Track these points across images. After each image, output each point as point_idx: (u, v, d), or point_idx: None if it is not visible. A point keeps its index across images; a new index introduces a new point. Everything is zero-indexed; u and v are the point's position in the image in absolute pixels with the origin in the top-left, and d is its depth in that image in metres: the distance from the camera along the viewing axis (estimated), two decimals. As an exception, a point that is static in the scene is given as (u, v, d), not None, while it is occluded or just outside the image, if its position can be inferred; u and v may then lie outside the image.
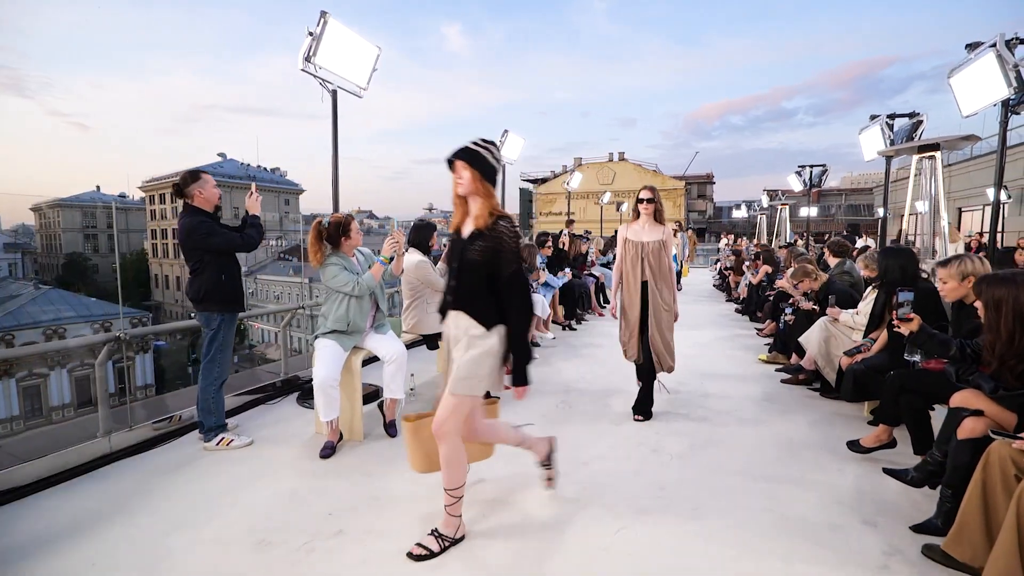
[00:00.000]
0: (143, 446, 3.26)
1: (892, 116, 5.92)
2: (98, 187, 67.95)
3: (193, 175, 3.13)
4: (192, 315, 3.31)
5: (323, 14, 3.74)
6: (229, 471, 2.97)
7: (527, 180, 49.26)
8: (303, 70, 3.82)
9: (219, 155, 64.41)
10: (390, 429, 3.45)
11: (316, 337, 3.34)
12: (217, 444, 3.24)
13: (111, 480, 2.88)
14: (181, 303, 57.03)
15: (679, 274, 7.38)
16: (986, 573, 1.84)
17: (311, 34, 3.73)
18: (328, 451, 3.14)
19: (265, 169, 63.64)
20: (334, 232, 3.36)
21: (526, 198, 48.78)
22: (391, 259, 3.41)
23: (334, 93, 4.09)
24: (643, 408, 3.74)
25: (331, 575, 2.06)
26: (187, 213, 3.10)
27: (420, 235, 4.16)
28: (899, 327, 2.61)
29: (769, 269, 7.73)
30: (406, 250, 4.02)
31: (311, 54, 3.75)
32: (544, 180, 48.00)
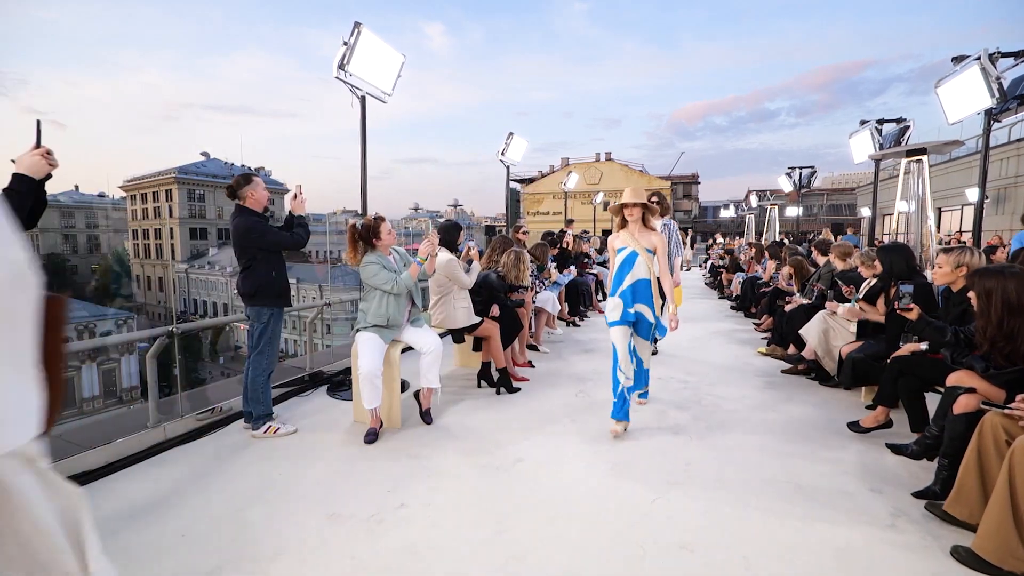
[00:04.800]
0: (193, 435, 3.44)
1: (881, 121, 6.29)
2: (77, 187, 66.57)
3: (246, 178, 3.32)
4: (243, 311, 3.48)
5: (357, 24, 3.94)
6: (282, 455, 3.17)
7: (514, 180, 49.56)
8: (336, 77, 4.02)
9: (202, 154, 63.80)
10: (426, 417, 3.67)
11: (357, 331, 3.54)
12: (264, 432, 3.43)
13: (172, 465, 3.05)
14: (164, 304, 56.33)
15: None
16: (981, 526, 2.13)
17: (345, 43, 3.93)
18: (372, 437, 3.35)
19: (249, 168, 63.02)
20: (365, 234, 3.57)
21: (514, 198, 49.09)
22: (426, 258, 3.63)
23: (363, 99, 4.29)
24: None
25: (407, 540, 2.28)
26: (240, 213, 3.29)
27: (448, 235, 4.38)
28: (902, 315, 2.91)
29: (787, 268, 7.97)
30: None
31: (345, 62, 3.96)
32: (531, 180, 48.31)
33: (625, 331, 3.41)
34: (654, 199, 4.95)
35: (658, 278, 3.44)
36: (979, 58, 3.98)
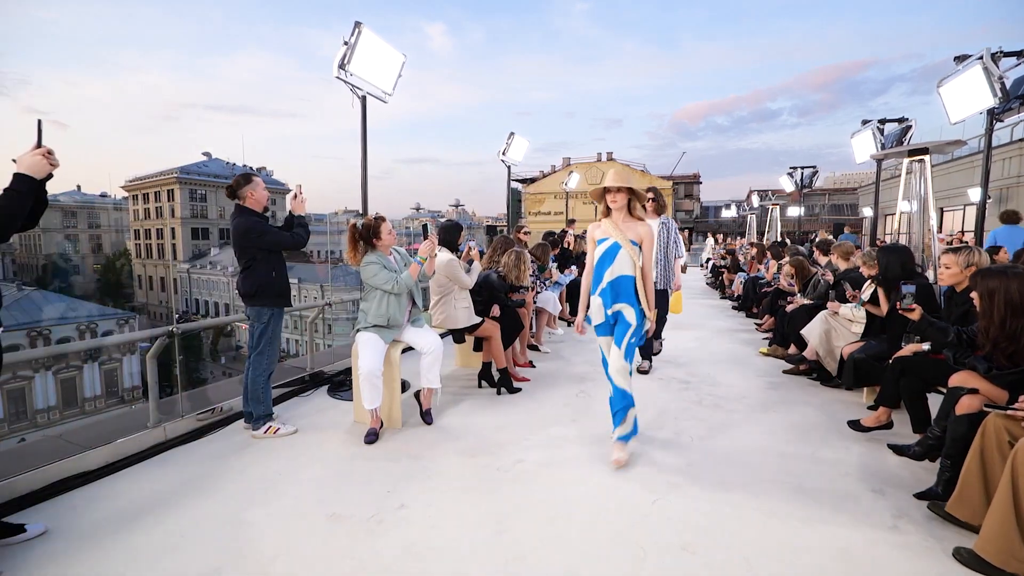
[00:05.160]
0: (193, 435, 3.44)
1: (883, 121, 6.27)
2: (79, 186, 66.72)
3: (246, 178, 3.32)
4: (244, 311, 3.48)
5: (357, 24, 3.94)
6: (282, 456, 3.16)
7: (515, 180, 49.53)
8: (337, 77, 4.01)
9: (204, 154, 63.85)
10: (426, 417, 3.67)
11: (358, 331, 3.54)
12: (265, 432, 3.42)
13: (173, 465, 3.05)
14: (166, 304, 56.38)
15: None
16: (984, 527, 2.12)
17: (346, 43, 3.93)
18: (372, 437, 3.34)
19: (251, 169, 63.10)
20: (365, 234, 3.56)
21: (515, 198, 49.09)
22: (426, 258, 3.62)
23: (363, 99, 4.29)
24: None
25: (407, 541, 2.28)
26: (240, 213, 3.29)
27: (449, 235, 4.37)
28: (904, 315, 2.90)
29: (788, 267, 7.89)
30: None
31: (345, 62, 3.95)
32: (533, 180, 48.28)
33: (609, 340, 3.08)
34: (650, 195, 4.68)
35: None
36: (981, 58, 3.96)
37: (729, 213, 29.72)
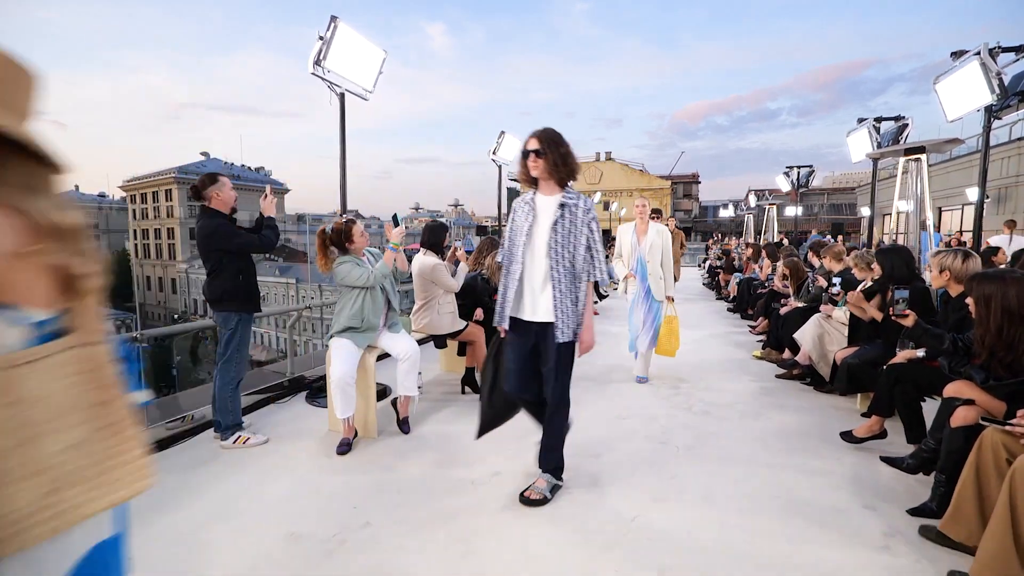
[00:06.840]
0: (159, 445, 3.30)
1: (879, 119, 6.14)
2: (77, 187, 66.49)
3: (211, 178, 3.18)
4: (209, 315, 3.34)
5: (333, 19, 3.81)
6: (250, 468, 3.03)
7: (514, 179, 49.22)
8: (313, 73, 3.88)
9: (202, 154, 63.76)
10: (403, 426, 3.53)
11: (331, 336, 3.41)
12: (234, 442, 3.29)
13: (133, 478, 2.92)
14: (164, 304, 56.22)
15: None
16: (980, 550, 1.98)
17: (321, 38, 3.80)
18: (345, 447, 3.21)
19: (249, 168, 63.07)
20: (337, 239, 3.42)
21: (514, 198, 48.83)
22: (399, 244, 3.42)
23: (342, 96, 4.16)
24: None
25: (368, 564, 2.14)
26: (205, 215, 3.15)
27: (434, 236, 4.22)
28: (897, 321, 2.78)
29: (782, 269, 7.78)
30: (416, 251, 4.14)
31: (321, 58, 3.82)
32: (532, 180, 48.08)
33: None
34: (531, 147, 2.45)
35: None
36: (979, 53, 3.83)
37: (727, 213, 29.60)
